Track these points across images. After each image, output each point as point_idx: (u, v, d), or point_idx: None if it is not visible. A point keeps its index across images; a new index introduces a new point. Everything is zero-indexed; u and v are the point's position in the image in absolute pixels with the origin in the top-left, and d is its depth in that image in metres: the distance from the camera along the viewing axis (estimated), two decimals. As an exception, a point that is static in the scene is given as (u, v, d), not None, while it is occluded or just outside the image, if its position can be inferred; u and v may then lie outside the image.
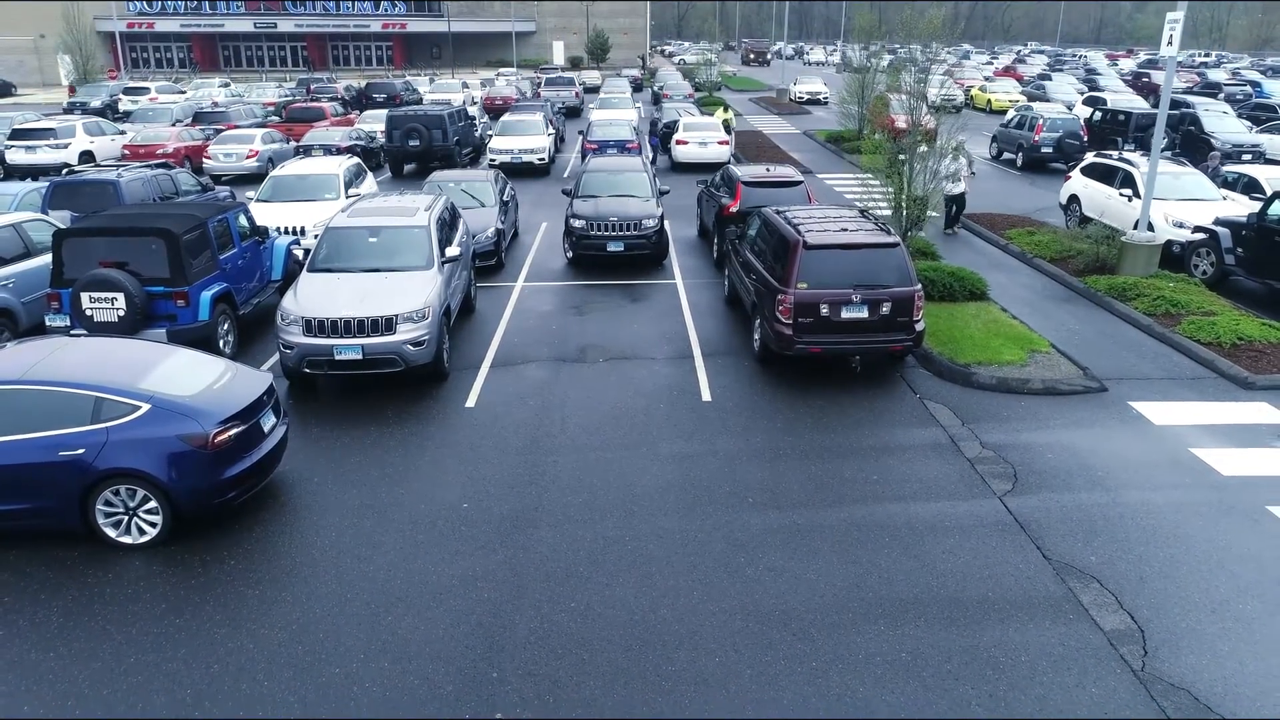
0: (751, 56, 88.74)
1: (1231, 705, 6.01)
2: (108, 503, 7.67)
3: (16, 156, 25.88)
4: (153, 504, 7.70)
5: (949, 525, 8.19)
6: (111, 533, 7.75)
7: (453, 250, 12.49)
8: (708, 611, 6.98)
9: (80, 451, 7.48)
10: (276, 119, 34.51)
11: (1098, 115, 30.04)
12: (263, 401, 8.34)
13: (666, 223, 17.18)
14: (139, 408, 7.64)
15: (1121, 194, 17.81)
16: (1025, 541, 7.92)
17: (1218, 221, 15.42)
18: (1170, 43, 14.47)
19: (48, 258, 12.38)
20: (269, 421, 8.42)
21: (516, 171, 25.88)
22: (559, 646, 6.59)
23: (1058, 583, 7.33)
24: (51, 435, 7.50)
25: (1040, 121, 27.74)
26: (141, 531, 7.78)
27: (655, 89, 49.63)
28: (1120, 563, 7.60)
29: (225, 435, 7.76)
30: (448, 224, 13.32)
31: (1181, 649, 6.55)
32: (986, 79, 54.39)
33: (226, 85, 53.95)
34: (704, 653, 6.52)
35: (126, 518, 7.74)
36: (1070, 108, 35.38)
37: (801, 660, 6.45)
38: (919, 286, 11.16)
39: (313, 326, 10.62)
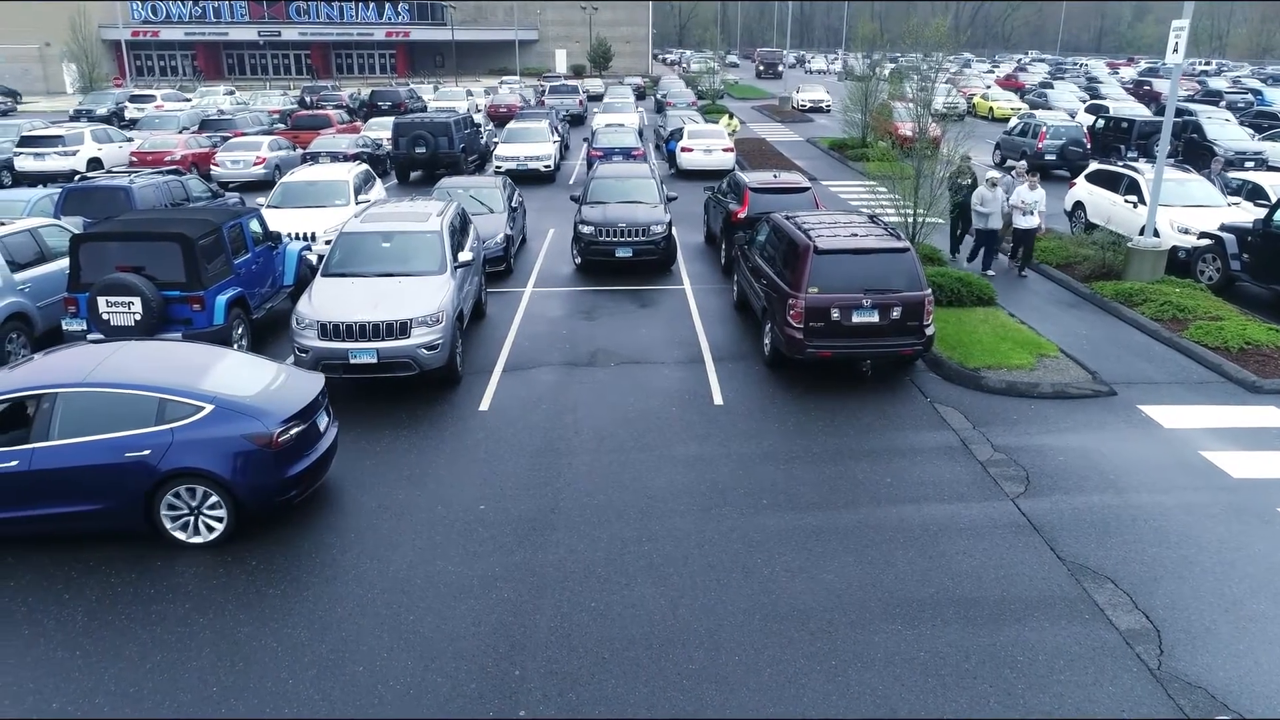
0: (762, 68, 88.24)
1: (1249, 703, 6.07)
2: (173, 501, 7.76)
3: (26, 163, 26.01)
4: (217, 503, 7.80)
5: (963, 527, 8.26)
6: (175, 532, 7.84)
7: (465, 255, 12.59)
8: (726, 611, 7.05)
9: (146, 453, 7.57)
10: (282, 126, 34.68)
11: (1101, 123, 30.20)
12: (319, 401, 8.47)
13: (674, 228, 17.28)
14: (202, 408, 7.75)
15: (1127, 200, 17.92)
16: (1039, 542, 7.99)
17: (1223, 227, 15.51)
18: (1175, 50, 14.58)
19: (62, 262, 12.49)
20: (323, 421, 8.56)
21: (522, 178, 26.01)
22: (580, 645, 6.65)
23: (1072, 583, 7.39)
24: (117, 437, 7.59)
25: (1044, 129, 27.84)
26: (198, 531, 7.87)
27: (659, 97, 49.80)
28: (1134, 563, 7.66)
29: (287, 434, 7.89)
30: (459, 229, 13.42)
31: (1197, 648, 6.61)
32: (988, 87, 54.60)
33: (231, 93, 54.20)
34: (724, 651, 6.59)
35: (191, 517, 7.84)
36: (1073, 115, 35.53)
37: (820, 659, 6.51)
38: (929, 291, 11.24)
39: (328, 330, 10.71)
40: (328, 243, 14.37)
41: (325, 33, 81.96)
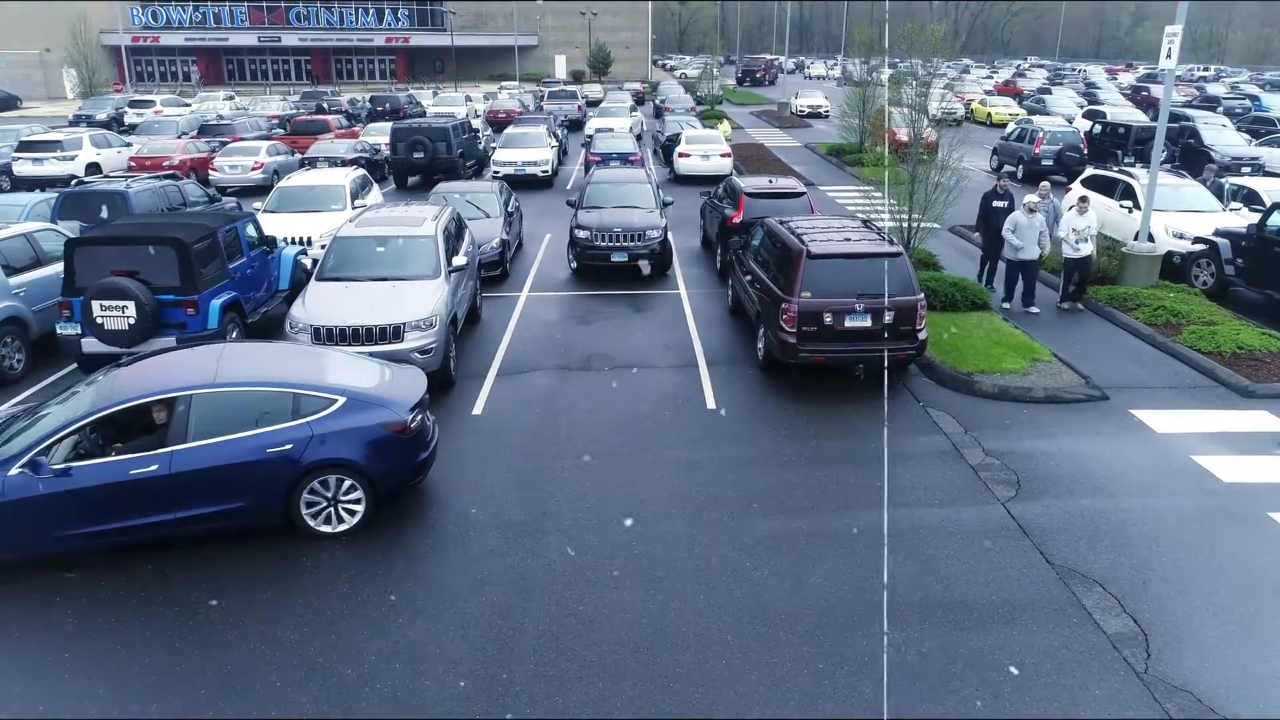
0: (741, 75, 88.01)
1: (1234, 706, 6.07)
2: (312, 494, 7.86)
3: (24, 168, 26.05)
4: (356, 492, 7.94)
5: (953, 530, 8.27)
6: (315, 524, 7.96)
7: (459, 260, 12.62)
8: (715, 614, 7.05)
9: (288, 447, 7.68)
10: (281, 131, 34.75)
11: (1098, 128, 30.24)
12: (426, 395, 8.65)
13: (670, 233, 17.31)
14: (335, 401, 7.88)
15: (1122, 206, 17.95)
16: (1029, 547, 8.00)
17: (1217, 233, 15.55)
18: (1169, 56, 14.62)
19: (58, 267, 12.50)
20: (428, 413, 8.78)
21: (520, 183, 26.06)
22: (568, 648, 6.65)
23: (1061, 587, 7.40)
24: (257, 434, 7.67)
25: (1040, 134, 27.90)
26: (341, 519, 8.02)
27: (657, 102, 49.88)
28: (1123, 567, 7.67)
29: (416, 421, 8.11)
30: (454, 234, 13.45)
31: (1184, 651, 6.61)
32: (987, 93, 54.73)
33: (231, 98, 54.31)
34: (711, 654, 6.59)
35: (329, 508, 7.98)
36: (1070, 121, 35.60)
37: (808, 662, 6.52)
38: (922, 295, 11.27)
39: (321, 334, 10.74)
40: (323, 247, 14.39)
41: (325, 38, 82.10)
